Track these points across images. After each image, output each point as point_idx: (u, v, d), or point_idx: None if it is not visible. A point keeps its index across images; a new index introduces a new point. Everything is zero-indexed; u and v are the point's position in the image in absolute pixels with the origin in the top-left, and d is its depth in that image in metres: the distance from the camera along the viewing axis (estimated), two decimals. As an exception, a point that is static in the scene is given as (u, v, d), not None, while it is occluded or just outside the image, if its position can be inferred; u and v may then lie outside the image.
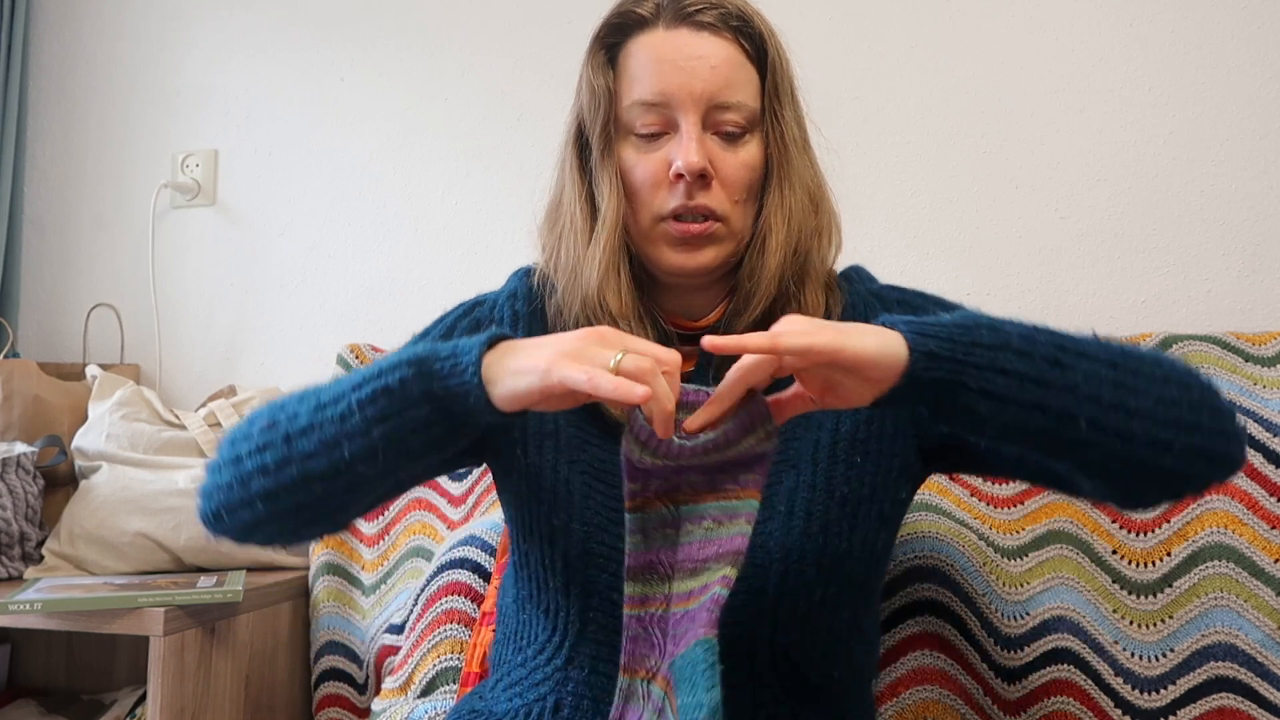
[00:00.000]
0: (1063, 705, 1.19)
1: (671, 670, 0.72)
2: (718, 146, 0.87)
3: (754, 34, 0.89)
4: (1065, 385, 0.69)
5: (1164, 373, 0.73)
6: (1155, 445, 0.71)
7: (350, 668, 1.47)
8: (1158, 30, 1.45)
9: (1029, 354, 0.70)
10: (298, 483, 0.75)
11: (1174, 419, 0.72)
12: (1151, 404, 0.71)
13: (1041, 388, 0.69)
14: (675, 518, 0.74)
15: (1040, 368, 0.69)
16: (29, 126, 1.92)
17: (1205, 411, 0.74)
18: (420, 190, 1.73)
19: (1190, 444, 0.72)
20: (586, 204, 0.90)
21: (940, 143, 1.52)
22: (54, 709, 1.54)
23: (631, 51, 0.89)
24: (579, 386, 0.66)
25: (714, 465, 0.72)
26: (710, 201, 0.86)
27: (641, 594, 0.74)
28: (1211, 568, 1.18)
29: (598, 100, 0.89)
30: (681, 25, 0.87)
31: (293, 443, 0.75)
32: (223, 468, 0.79)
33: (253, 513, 0.77)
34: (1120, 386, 0.71)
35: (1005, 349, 0.69)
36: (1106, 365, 0.71)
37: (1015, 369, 0.69)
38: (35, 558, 1.47)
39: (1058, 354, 0.70)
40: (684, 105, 0.85)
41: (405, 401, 0.72)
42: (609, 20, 0.91)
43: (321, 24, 1.80)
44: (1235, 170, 1.41)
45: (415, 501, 1.49)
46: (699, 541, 0.73)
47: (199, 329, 1.81)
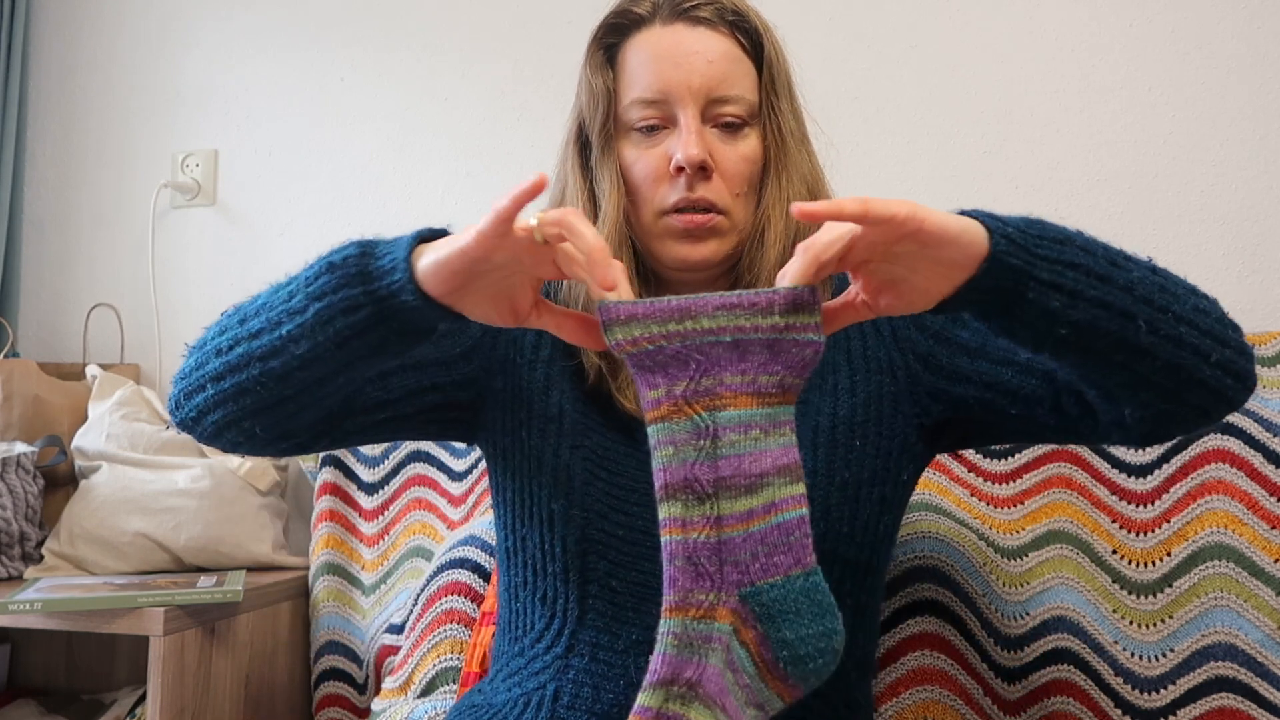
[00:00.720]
0: (1063, 705, 1.19)
1: (753, 598, 0.65)
2: (717, 140, 0.88)
3: (750, 28, 0.90)
4: (1125, 284, 0.69)
5: (1189, 286, 0.75)
6: (1198, 353, 0.72)
7: (350, 668, 1.47)
8: (1158, 30, 1.45)
9: (1092, 251, 0.69)
10: (242, 363, 0.75)
11: (1209, 329, 0.73)
12: (1190, 311, 0.72)
13: (1106, 285, 0.68)
14: (711, 426, 0.64)
15: (1104, 265, 0.69)
16: (29, 126, 1.92)
17: (1229, 327, 0.75)
18: (420, 190, 1.73)
19: (1224, 357, 0.73)
20: (588, 201, 0.91)
21: (940, 143, 1.52)
22: (54, 709, 1.54)
23: (629, 50, 0.90)
24: (486, 224, 0.64)
25: (747, 341, 0.64)
26: (711, 194, 0.86)
27: (681, 516, 0.64)
28: (1211, 568, 1.18)
29: (597, 100, 0.90)
30: (677, 21, 0.88)
31: (245, 323, 0.76)
32: (191, 352, 0.81)
33: (204, 397, 0.78)
34: (1165, 291, 0.71)
35: (1071, 244, 0.69)
36: (1149, 270, 0.72)
37: (1084, 264, 0.68)
38: (35, 558, 1.47)
39: (1115, 255, 0.71)
40: (682, 100, 0.86)
41: (342, 280, 0.70)
42: (607, 21, 0.92)
43: (321, 24, 1.80)
44: (1235, 170, 1.41)
45: (415, 502, 1.49)
46: (749, 454, 0.64)
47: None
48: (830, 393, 0.88)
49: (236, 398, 0.76)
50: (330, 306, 0.70)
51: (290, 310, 0.73)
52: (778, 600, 0.65)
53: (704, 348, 0.64)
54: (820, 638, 0.66)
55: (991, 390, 0.85)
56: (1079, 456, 1.27)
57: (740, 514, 0.64)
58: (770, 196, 0.89)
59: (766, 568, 0.65)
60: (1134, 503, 1.24)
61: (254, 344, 0.74)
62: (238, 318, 0.77)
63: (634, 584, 0.84)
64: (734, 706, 0.65)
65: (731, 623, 0.65)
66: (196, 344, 0.81)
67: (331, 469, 1.54)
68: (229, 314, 0.80)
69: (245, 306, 0.78)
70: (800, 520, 0.66)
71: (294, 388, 0.75)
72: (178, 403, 0.81)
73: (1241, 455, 1.21)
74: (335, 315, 0.70)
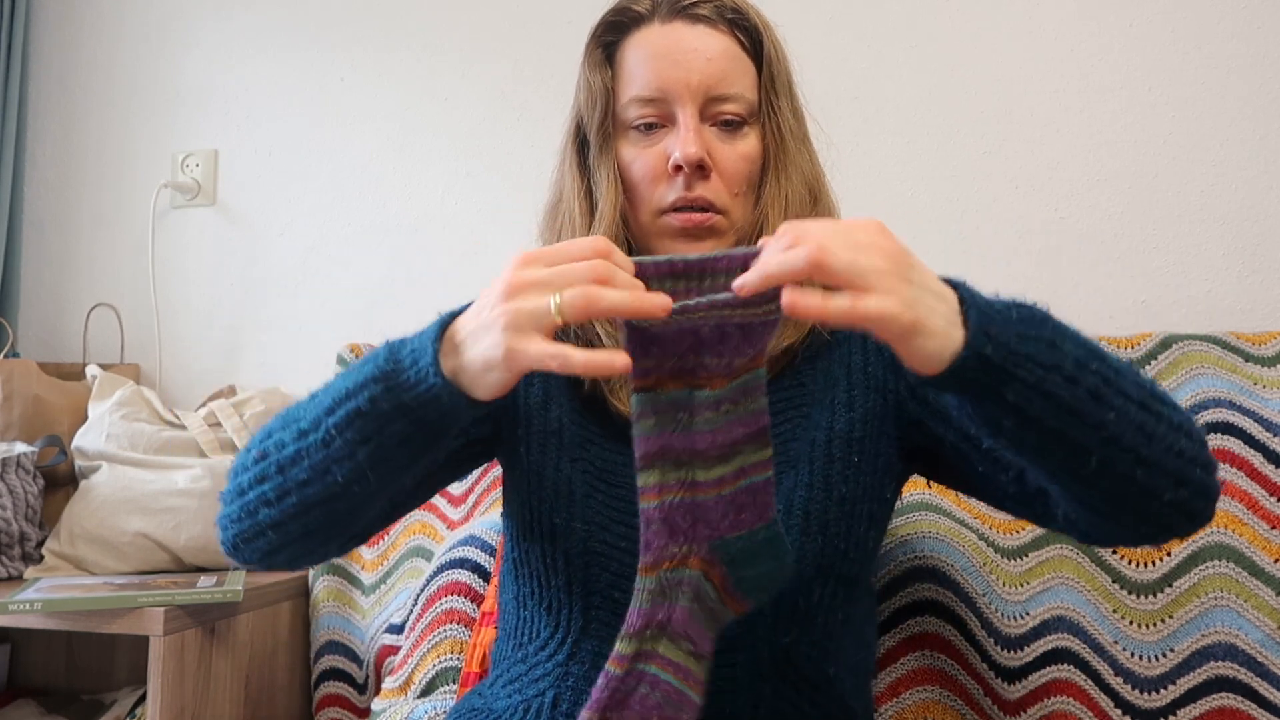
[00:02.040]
0: (1063, 705, 1.19)
1: (720, 549, 0.71)
2: (715, 139, 0.87)
3: (749, 27, 0.90)
4: (1095, 423, 0.67)
5: (1180, 421, 0.72)
6: (1148, 493, 0.71)
7: (350, 667, 1.47)
8: (1158, 30, 1.45)
9: (1075, 381, 0.67)
10: (300, 510, 0.76)
11: (1175, 470, 0.71)
12: (1161, 453, 0.70)
13: (1073, 418, 0.67)
14: (689, 402, 0.69)
15: (1080, 399, 0.67)
16: (29, 126, 1.92)
17: (1200, 467, 0.73)
18: (420, 190, 1.73)
19: (1178, 497, 0.72)
20: (585, 200, 0.91)
21: (940, 143, 1.52)
22: (54, 709, 1.54)
23: (628, 48, 0.90)
24: (551, 369, 0.63)
25: (727, 328, 0.66)
26: (709, 194, 0.86)
27: (658, 482, 0.69)
28: (1211, 567, 1.18)
29: (595, 98, 0.90)
30: (677, 19, 0.88)
31: (286, 473, 0.75)
32: (231, 499, 0.80)
33: (267, 541, 0.78)
34: (1141, 431, 0.69)
35: (1057, 371, 0.66)
36: (1138, 406, 0.70)
37: (1057, 394, 0.66)
38: (35, 558, 1.47)
39: (1101, 387, 0.68)
40: (681, 98, 0.86)
41: (380, 420, 0.70)
42: (606, 19, 0.92)
43: (322, 24, 1.80)
44: (1235, 170, 1.41)
45: (415, 501, 1.49)
46: (724, 425, 0.69)
47: (199, 329, 1.81)
48: (829, 407, 0.88)
49: (305, 536, 0.78)
50: (382, 447, 0.71)
51: (335, 458, 0.73)
52: (742, 550, 0.72)
53: (696, 329, 0.66)
54: (774, 570, 0.74)
55: (966, 442, 0.83)
56: (1079, 456, 1.27)
57: (713, 480, 0.70)
58: (769, 195, 0.88)
59: (734, 524, 0.71)
60: (1134, 503, 1.24)
61: (307, 491, 0.75)
62: (273, 466, 0.76)
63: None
64: (698, 631, 0.72)
65: (700, 569, 0.71)
66: (232, 491, 0.80)
67: (331, 469, 1.53)
68: (256, 461, 0.78)
69: (271, 453, 0.77)
70: (766, 482, 0.72)
71: (367, 508, 0.78)
72: (235, 546, 0.81)
73: (1241, 455, 1.21)
74: (391, 451, 0.72)
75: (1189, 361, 1.27)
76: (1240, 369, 1.25)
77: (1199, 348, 1.28)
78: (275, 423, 0.79)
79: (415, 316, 1.80)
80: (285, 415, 0.79)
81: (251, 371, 1.77)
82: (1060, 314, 1.46)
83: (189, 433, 1.55)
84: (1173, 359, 1.28)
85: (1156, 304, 1.42)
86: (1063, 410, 0.67)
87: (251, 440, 0.80)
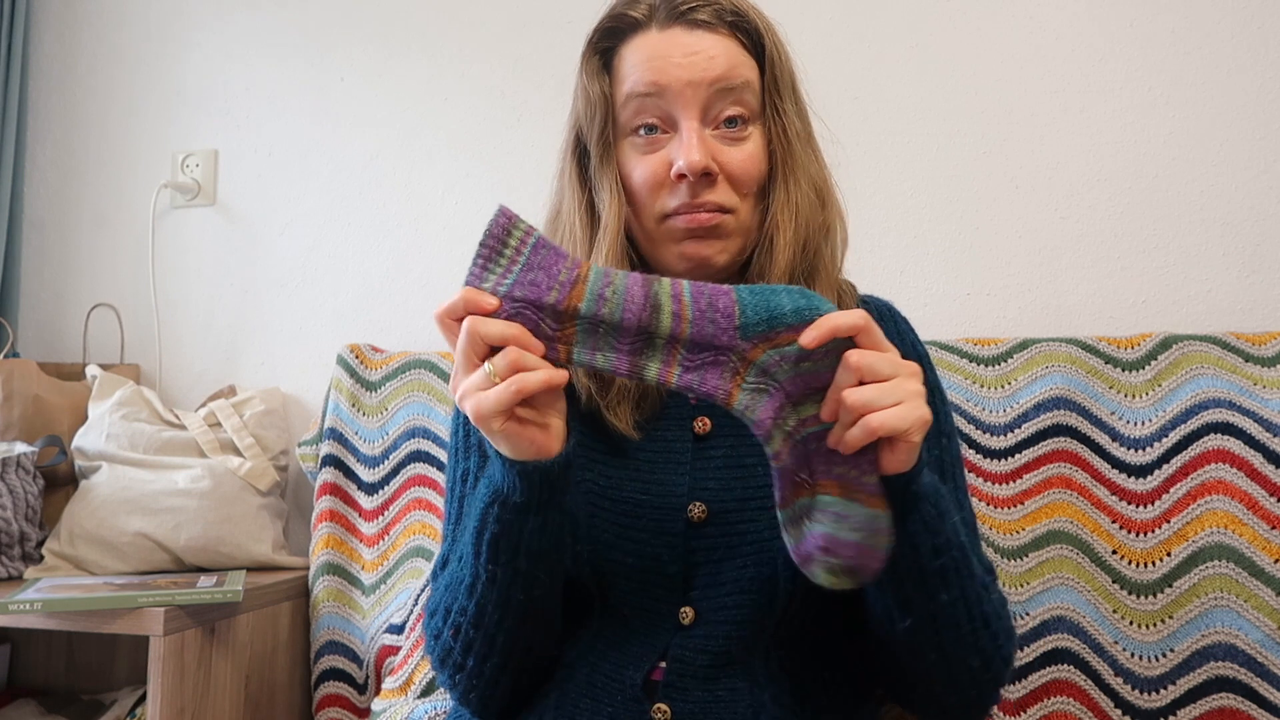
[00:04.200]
0: (1063, 705, 1.19)
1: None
2: (719, 143, 0.85)
3: (750, 28, 0.87)
4: (929, 592, 0.75)
5: (997, 650, 0.80)
6: (932, 697, 0.81)
7: (350, 668, 1.47)
8: (1158, 30, 1.45)
9: (940, 552, 0.75)
10: (513, 642, 0.80)
11: (969, 691, 0.80)
12: (962, 671, 0.78)
13: (918, 576, 0.74)
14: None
15: (935, 567, 0.75)
16: (29, 126, 1.92)
17: (991, 698, 0.83)
18: (420, 190, 1.73)
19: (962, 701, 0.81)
20: (586, 213, 0.89)
21: (940, 143, 1.52)
22: (54, 709, 1.54)
23: (626, 54, 0.88)
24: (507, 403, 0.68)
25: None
26: (716, 197, 0.84)
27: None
28: (1211, 568, 1.18)
29: (594, 107, 0.88)
30: (675, 25, 0.86)
31: (484, 625, 0.79)
32: (456, 680, 0.84)
33: (505, 678, 0.82)
34: (956, 628, 0.77)
35: (941, 522, 0.75)
36: (978, 621, 0.78)
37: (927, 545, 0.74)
38: (35, 558, 1.47)
39: (952, 571, 0.75)
40: (682, 98, 0.84)
41: (513, 530, 0.75)
42: (602, 25, 0.90)
43: (322, 25, 1.80)
44: (1235, 170, 1.41)
45: (415, 502, 1.49)
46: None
47: (199, 329, 1.81)
48: None
49: (528, 650, 0.82)
50: (528, 541, 0.75)
51: (506, 581, 0.77)
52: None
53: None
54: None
55: None
56: (1079, 456, 1.27)
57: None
58: (779, 201, 0.86)
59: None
60: (1134, 503, 1.24)
61: (507, 626, 0.79)
62: (469, 633, 0.81)
63: (644, 610, 0.83)
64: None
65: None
66: (451, 674, 0.84)
67: (331, 469, 1.54)
68: (452, 636, 0.82)
69: (463, 624, 0.81)
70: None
71: (554, 597, 0.81)
72: (485, 705, 0.85)
73: (1241, 455, 1.21)
74: (533, 539, 0.75)
75: (1189, 361, 1.27)
76: (1240, 369, 1.25)
77: (1199, 348, 1.28)
78: (442, 597, 0.83)
79: (415, 316, 1.82)
80: (450, 585, 0.82)
81: (251, 372, 1.77)
82: (1060, 314, 1.46)
83: (189, 433, 1.55)
84: (1173, 359, 1.28)
85: (1156, 304, 1.42)
86: (913, 564, 0.73)
87: (430, 627, 0.85)
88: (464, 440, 0.93)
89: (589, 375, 0.87)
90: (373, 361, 1.59)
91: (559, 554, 0.77)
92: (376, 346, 1.63)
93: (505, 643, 0.80)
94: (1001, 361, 1.32)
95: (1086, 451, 1.27)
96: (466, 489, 0.91)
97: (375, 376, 1.57)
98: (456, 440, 0.94)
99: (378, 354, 1.60)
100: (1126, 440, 1.26)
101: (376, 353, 1.61)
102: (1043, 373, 1.29)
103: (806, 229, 0.87)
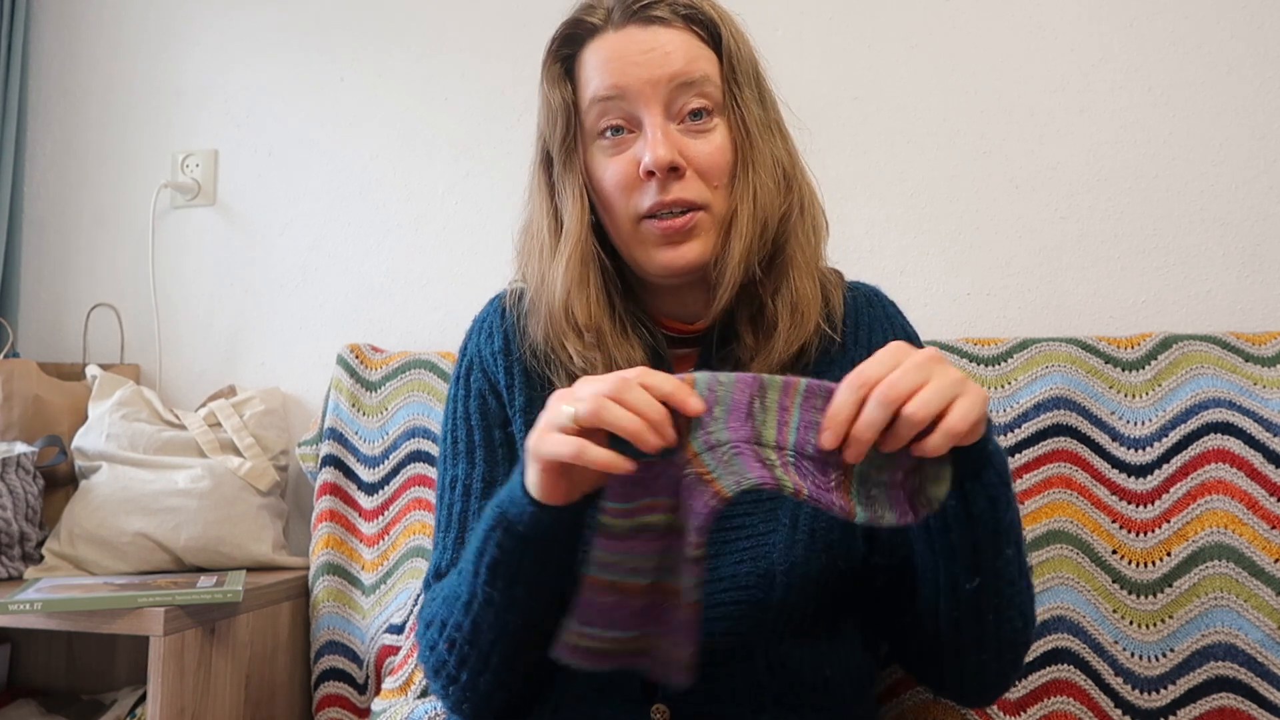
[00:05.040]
0: (1063, 705, 1.19)
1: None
2: (685, 136, 0.85)
3: (705, 20, 0.88)
4: (996, 548, 0.75)
5: (1032, 607, 0.82)
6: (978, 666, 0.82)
7: (350, 668, 1.47)
8: (1158, 30, 1.45)
9: (1009, 505, 0.76)
10: (506, 661, 0.80)
11: (1010, 654, 0.82)
12: (1010, 631, 0.80)
13: (993, 533, 0.74)
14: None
15: (1004, 522, 0.75)
16: (29, 126, 1.92)
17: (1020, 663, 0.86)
18: (420, 190, 1.73)
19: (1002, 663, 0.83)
20: (553, 219, 0.90)
21: (940, 143, 1.52)
22: (54, 709, 1.54)
23: (585, 59, 0.89)
24: (566, 459, 0.68)
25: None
26: (687, 193, 0.85)
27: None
28: (1211, 568, 1.18)
29: (555, 115, 0.88)
30: (630, 23, 0.87)
31: (479, 643, 0.80)
32: (447, 691, 0.84)
33: (500, 692, 0.83)
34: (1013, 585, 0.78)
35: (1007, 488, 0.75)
36: (1018, 567, 0.79)
37: (1001, 500, 0.74)
38: (35, 558, 1.47)
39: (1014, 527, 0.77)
40: (644, 98, 0.84)
41: (512, 559, 0.75)
42: (560, 32, 0.91)
43: (322, 24, 1.80)
44: (1235, 170, 1.41)
45: (415, 502, 1.49)
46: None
47: (199, 329, 1.81)
48: None
49: (525, 673, 0.82)
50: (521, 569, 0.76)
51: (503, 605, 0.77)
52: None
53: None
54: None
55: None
56: (1079, 456, 1.27)
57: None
58: (738, 190, 0.86)
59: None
60: (1134, 503, 1.24)
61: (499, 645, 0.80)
62: (464, 649, 0.81)
63: None
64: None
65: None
66: (444, 685, 0.85)
67: (331, 469, 1.54)
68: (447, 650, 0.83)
69: (458, 639, 0.82)
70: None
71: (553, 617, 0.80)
72: (479, 714, 0.86)
73: (1241, 455, 1.21)
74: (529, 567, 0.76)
75: (1189, 361, 1.27)
76: (1240, 369, 1.25)
77: (1199, 348, 1.28)
78: (439, 610, 0.83)
79: (415, 316, 1.82)
80: (446, 599, 0.82)
81: (251, 371, 1.77)
82: (1060, 314, 1.46)
83: (189, 433, 1.55)
84: (1173, 359, 1.28)
85: (1156, 304, 1.42)
86: (991, 519, 0.74)
87: (426, 638, 0.85)
88: (452, 447, 0.94)
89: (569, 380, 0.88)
90: (373, 361, 1.59)
91: (559, 585, 0.76)
92: (376, 346, 1.63)
93: (499, 662, 0.80)
94: (1001, 361, 1.32)
95: (1086, 451, 1.27)
96: (455, 496, 0.91)
97: (375, 376, 1.57)
98: (445, 447, 0.94)
99: (378, 354, 1.60)
100: (1126, 440, 1.26)
101: (376, 353, 1.61)
102: (1043, 373, 1.29)
103: (764, 214, 0.86)
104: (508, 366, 0.92)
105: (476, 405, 0.93)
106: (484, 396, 0.93)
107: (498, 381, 0.93)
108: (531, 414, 0.89)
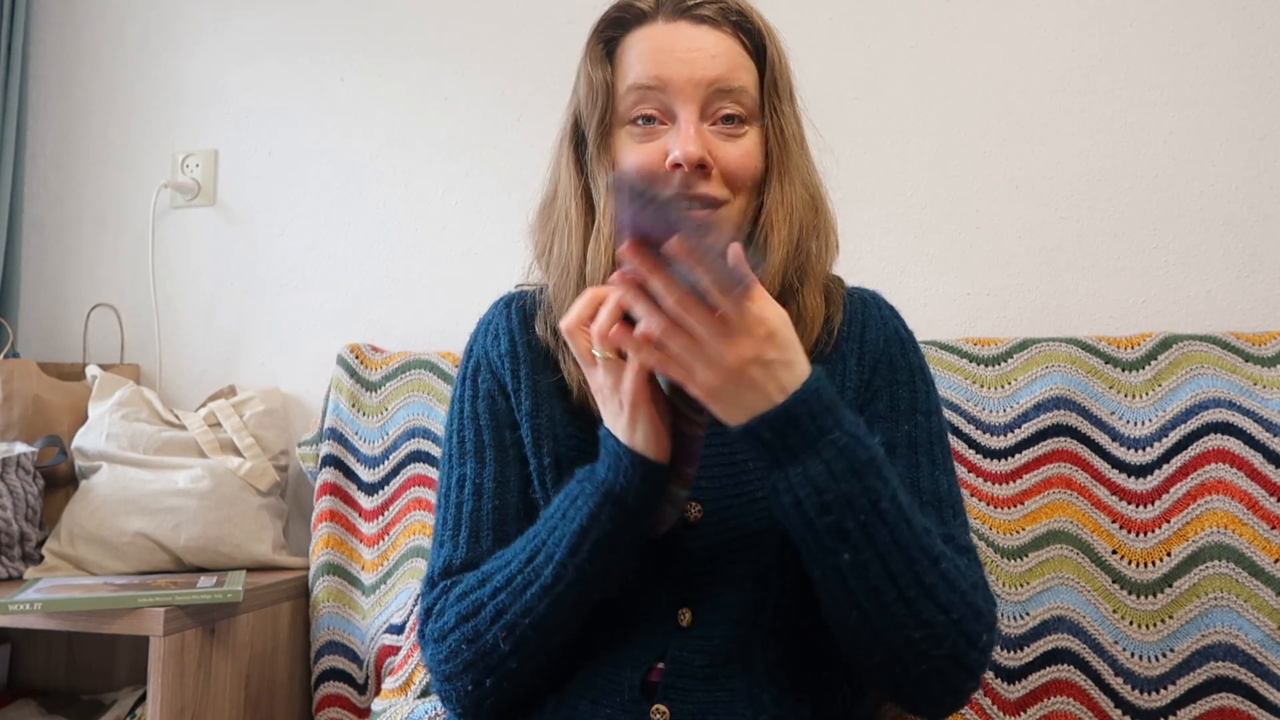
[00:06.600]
0: (1063, 705, 1.19)
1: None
2: (716, 138, 0.86)
3: (752, 29, 0.89)
4: (829, 562, 0.74)
5: (953, 624, 0.75)
6: (883, 671, 0.78)
7: (350, 668, 1.47)
8: (1158, 30, 1.45)
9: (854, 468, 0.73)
10: (559, 644, 0.81)
11: (918, 666, 0.76)
12: (900, 642, 0.75)
13: (817, 544, 0.74)
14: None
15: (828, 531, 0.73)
16: (29, 126, 1.92)
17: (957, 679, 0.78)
18: (420, 190, 1.73)
19: (921, 681, 0.77)
20: (582, 199, 0.89)
21: (940, 143, 1.52)
22: (54, 709, 1.54)
23: (630, 44, 0.89)
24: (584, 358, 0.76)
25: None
26: (710, 190, 0.85)
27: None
28: (1211, 568, 1.18)
29: (595, 93, 0.88)
30: (681, 19, 0.87)
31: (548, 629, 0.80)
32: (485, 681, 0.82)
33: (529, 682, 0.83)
34: (885, 609, 0.74)
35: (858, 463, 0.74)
36: (911, 590, 0.74)
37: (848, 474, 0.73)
38: (35, 558, 1.47)
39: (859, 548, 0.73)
40: (682, 94, 0.85)
41: (614, 540, 0.77)
42: (608, 15, 0.91)
43: (322, 24, 1.80)
44: (1235, 170, 1.41)
45: (415, 502, 1.49)
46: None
47: (199, 329, 1.81)
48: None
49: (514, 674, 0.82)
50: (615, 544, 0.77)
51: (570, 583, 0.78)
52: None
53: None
54: None
55: None
56: (1079, 456, 1.27)
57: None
58: (773, 200, 0.87)
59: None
60: (1134, 503, 1.24)
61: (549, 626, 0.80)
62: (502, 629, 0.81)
63: (642, 612, 0.83)
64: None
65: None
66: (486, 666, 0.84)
67: (331, 469, 1.54)
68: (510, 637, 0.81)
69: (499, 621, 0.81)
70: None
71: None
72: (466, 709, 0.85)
73: (1241, 455, 1.21)
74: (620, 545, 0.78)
75: (1189, 361, 1.27)
76: (1240, 369, 1.25)
77: (1199, 348, 1.28)
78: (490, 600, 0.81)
79: (415, 317, 1.82)
80: (505, 588, 0.81)
81: (251, 371, 1.77)
82: (1060, 314, 1.46)
83: (189, 433, 1.55)
84: (1173, 359, 1.28)
85: (1156, 304, 1.42)
86: (803, 518, 0.73)
87: (462, 632, 0.82)
88: (459, 447, 0.93)
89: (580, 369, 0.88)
90: (373, 361, 1.59)
91: (635, 557, 0.79)
92: (376, 346, 1.63)
93: (555, 644, 0.81)
94: (1001, 361, 1.32)
95: (1086, 451, 1.27)
96: (465, 495, 0.90)
97: (375, 376, 1.57)
98: (451, 447, 0.94)
99: (378, 354, 1.60)
100: (1126, 440, 1.26)
101: (376, 353, 1.61)
102: (1043, 373, 1.30)
103: (800, 228, 0.88)
104: (514, 370, 0.92)
105: (486, 405, 0.93)
106: (493, 397, 0.93)
107: (505, 383, 0.92)
108: (537, 419, 0.89)
